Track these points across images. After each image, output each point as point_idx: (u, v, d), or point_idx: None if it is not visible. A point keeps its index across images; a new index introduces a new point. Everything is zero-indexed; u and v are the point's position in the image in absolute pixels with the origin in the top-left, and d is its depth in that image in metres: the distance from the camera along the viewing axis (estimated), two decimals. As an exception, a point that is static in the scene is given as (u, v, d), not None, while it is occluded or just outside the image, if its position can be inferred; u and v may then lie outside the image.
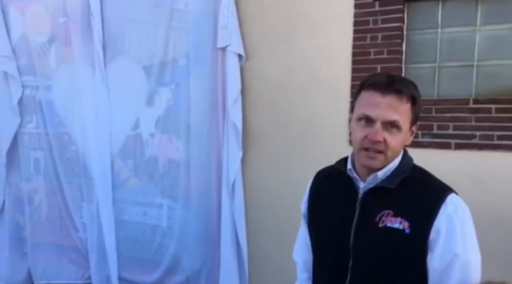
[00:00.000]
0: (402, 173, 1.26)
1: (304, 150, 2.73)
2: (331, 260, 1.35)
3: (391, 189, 1.25)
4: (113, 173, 3.33)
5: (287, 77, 2.82)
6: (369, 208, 1.27)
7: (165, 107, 3.15)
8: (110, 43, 3.27)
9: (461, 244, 1.19)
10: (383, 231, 1.23)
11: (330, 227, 1.35)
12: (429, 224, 1.20)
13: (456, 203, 1.22)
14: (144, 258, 3.22)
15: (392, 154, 1.24)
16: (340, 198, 1.35)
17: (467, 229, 1.21)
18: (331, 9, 2.66)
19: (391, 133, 1.21)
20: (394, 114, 1.20)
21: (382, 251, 1.24)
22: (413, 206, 1.23)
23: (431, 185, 1.26)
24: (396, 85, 1.20)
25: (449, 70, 2.50)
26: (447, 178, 2.17)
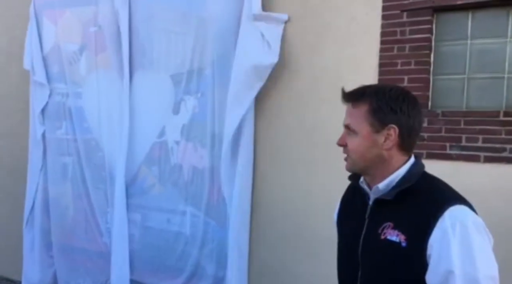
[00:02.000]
0: (403, 184, 1.26)
1: (327, 160, 2.72)
2: (346, 270, 1.41)
3: (395, 201, 1.25)
4: (139, 180, 3.38)
5: (312, 87, 2.82)
6: (375, 220, 1.30)
7: (191, 115, 3.19)
8: (139, 52, 3.35)
9: (460, 262, 1.13)
10: (384, 243, 1.25)
11: (346, 238, 1.43)
12: (425, 238, 1.17)
13: (456, 216, 1.17)
14: (167, 264, 3.25)
15: (357, 157, 1.31)
16: (356, 210, 1.38)
17: (470, 243, 1.15)
18: (358, 20, 2.66)
19: (349, 137, 1.32)
20: (347, 119, 1.33)
21: (382, 263, 1.26)
22: (411, 218, 1.21)
23: (434, 197, 1.23)
24: (350, 94, 1.32)
25: (479, 82, 2.45)
26: (475, 192, 2.13)
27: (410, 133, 1.29)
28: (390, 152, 1.28)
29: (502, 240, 2.19)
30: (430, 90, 2.53)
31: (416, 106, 1.31)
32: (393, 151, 1.28)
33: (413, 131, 1.29)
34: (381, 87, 1.35)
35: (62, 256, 3.70)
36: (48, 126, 3.78)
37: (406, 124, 1.27)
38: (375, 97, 1.28)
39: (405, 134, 1.27)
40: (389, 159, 1.29)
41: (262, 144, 3.00)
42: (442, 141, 2.41)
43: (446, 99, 2.52)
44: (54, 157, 3.76)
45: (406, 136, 1.28)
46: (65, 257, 3.70)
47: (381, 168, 1.30)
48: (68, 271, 3.68)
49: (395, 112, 1.26)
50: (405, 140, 1.28)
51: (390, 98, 1.27)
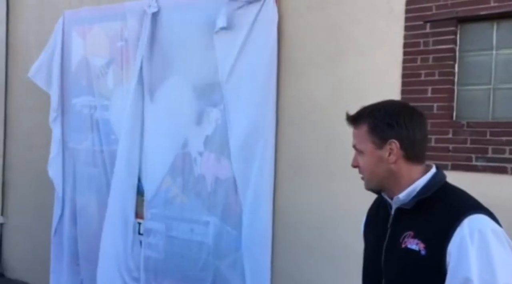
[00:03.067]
0: (423, 194, 1.28)
1: (348, 171, 2.69)
2: (370, 278, 1.45)
3: (415, 210, 1.29)
4: (162, 190, 3.43)
5: (333, 98, 2.83)
6: (397, 229, 1.34)
7: (214, 126, 3.23)
8: (163, 65, 3.42)
9: (478, 270, 1.13)
10: (404, 252, 1.28)
11: (370, 248, 1.47)
12: (444, 246, 1.19)
13: (475, 225, 1.18)
14: (190, 274, 3.27)
15: (368, 175, 1.38)
16: (380, 220, 1.43)
17: (490, 252, 1.15)
18: (380, 31, 2.67)
19: (360, 157, 1.40)
20: (354, 140, 1.41)
21: (403, 272, 1.28)
22: (431, 227, 1.24)
23: (453, 206, 1.25)
24: (352, 118, 1.40)
25: (505, 92, 2.42)
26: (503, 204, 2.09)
27: (413, 144, 1.33)
28: (398, 165, 1.33)
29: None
30: (455, 101, 2.51)
31: (413, 117, 1.35)
32: (401, 164, 1.33)
33: (416, 141, 1.33)
34: (377, 105, 1.41)
35: (89, 265, 3.77)
36: (76, 138, 3.89)
37: (406, 136, 1.32)
38: (372, 116, 1.36)
39: (408, 146, 1.32)
40: (398, 172, 1.34)
41: (284, 154, 3.02)
42: (468, 152, 2.38)
43: (471, 110, 2.49)
44: (81, 168, 3.86)
45: (409, 147, 1.33)
46: (91, 266, 3.76)
47: (395, 181, 1.35)
48: (94, 280, 3.74)
49: (392, 127, 1.32)
50: (409, 151, 1.33)
51: (385, 114, 1.35)
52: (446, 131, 2.43)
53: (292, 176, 2.99)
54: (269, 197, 3.01)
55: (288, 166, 3.01)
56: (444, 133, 2.43)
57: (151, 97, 3.48)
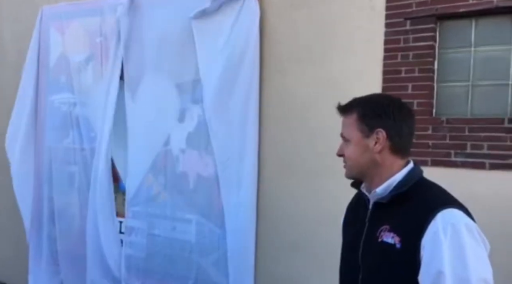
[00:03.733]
0: (399, 189, 1.31)
1: (333, 168, 2.71)
2: (347, 273, 1.47)
3: (391, 205, 1.31)
4: (144, 188, 3.40)
5: (316, 95, 2.84)
6: (374, 223, 1.36)
7: (196, 123, 3.21)
8: (144, 61, 3.38)
9: (450, 263, 1.16)
10: (380, 245, 1.30)
11: (348, 243, 1.49)
12: (418, 240, 1.21)
13: (448, 219, 1.20)
14: (173, 272, 3.25)
15: (352, 163, 1.41)
16: (359, 215, 1.45)
17: (462, 246, 1.17)
18: (362, 28, 2.68)
19: (345, 145, 1.43)
20: (342, 129, 1.45)
21: (379, 265, 1.31)
22: (406, 221, 1.26)
23: (428, 200, 1.27)
24: (342, 107, 1.44)
25: (483, 89, 2.46)
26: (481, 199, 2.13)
27: (400, 136, 1.35)
28: (382, 156, 1.36)
29: (507, 248, 2.19)
30: (434, 97, 2.54)
31: (402, 110, 1.38)
32: (385, 154, 1.35)
33: (402, 134, 1.36)
34: (368, 96, 1.45)
35: (69, 265, 3.71)
36: (54, 136, 3.81)
37: (393, 127, 1.35)
38: (362, 105, 1.41)
39: (395, 137, 1.35)
40: (382, 163, 1.36)
41: (267, 151, 3.02)
42: (447, 148, 2.42)
43: (450, 106, 2.53)
44: (60, 166, 3.79)
45: (396, 138, 1.35)
46: (72, 266, 3.71)
47: (376, 172, 1.37)
48: (75, 280, 3.69)
49: (380, 116, 1.35)
50: (395, 143, 1.35)
51: (375, 104, 1.39)
52: (426, 127, 2.46)
53: (276, 174, 2.99)
54: (252, 194, 3.00)
55: (272, 163, 3.00)
56: (424, 129, 2.46)
57: (132, 94, 3.43)
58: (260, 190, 3.03)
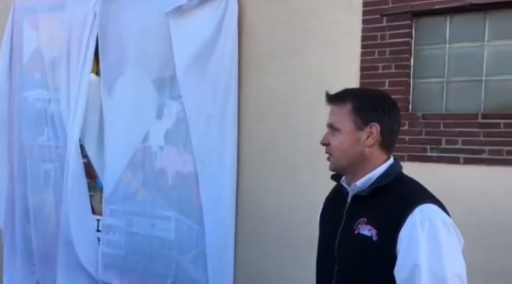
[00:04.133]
0: (379, 183, 1.32)
1: (311, 164, 2.73)
2: (324, 264, 1.47)
3: (370, 198, 1.31)
4: (122, 185, 3.36)
5: (295, 91, 2.84)
6: (351, 216, 1.37)
7: (175, 120, 3.18)
8: (121, 56, 3.32)
9: (426, 257, 1.17)
10: (357, 238, 1.31)
11: (325, 234, 1.49)
12: (395, 233, 1.23)
13: (425, 213, 1.22)
14: (152, 270, 3.22)
15: (340, 154, 1.38)
16: (337, 208, 1.45)
17: (438, 240, 1.19)
18: (339, 24, 2.69)
19: (333, 135, 1.39)
20: (331, 118, 1.41)
21: (355, 257, 1.32)
22: (384, 214, 1.27)
23: (406, 195, 1.29)
24: (334, 96, 1.42)
25: (458, 85, 2.50)
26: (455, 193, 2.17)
27: (391, 132, 1.37)
28: (372, 150, 1.36)
29: (481, 241, 2.25)
30: (411, 93, 2.58)
31: (395, 107, 1.39)
32: (374, 149, 1.36)
33: (393, 131, 1.38)
34: (363, 89, 1.48)
35: (45, 265, 3.64)
36: (29, 133, 3.73)
37: (387, 123, 1.35)
38: (358, 96, 1.39)
39: (386, 133, 1.36)
40: (369, 157, 1.36)
41: (246, 147, 3.01)
42: (423, 143, 2.45)
43: (426, 102, 2.57)
44: (35, 164, 3.71)
45: (387, 135, 1.36)
46: (48, 266, 3.64)
47: (362, 165, 1.36)
48: (52, 279, 3.62)
49: (377, 110, 1.35)
50: (386, 138, 1.36)
51: (372, 97, 1.38)
52: (403, 123, 2.48)
53: (255, 170, 2.98)
54: (231, 190, 2.99)
55: (251, 159, 3.00)
56: (401, 125, 2.48)
57: (109, 90, 3.38)
58: (239, 186, 3.02)
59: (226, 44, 2.94)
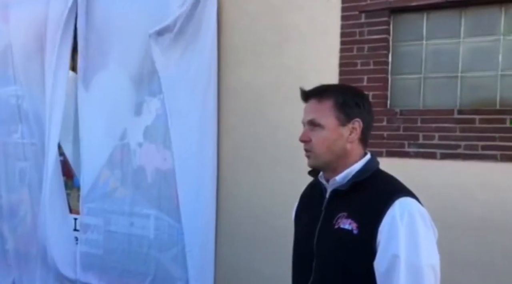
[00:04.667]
0: (358, 177, 1.33)
1: (291, 159, 2.74)
2: (301, 260, 1.45)
3: (349, 192, 1.32)
4: (100, 183, 3.31)
5: (275, 86, 2.84)
6: (330, 211, 1.37)
7: (154, 116, 3.14)
8: (99, 51, 3.27)
9: (405, 247, 1.20)
10: (337, 232, 1.31)
11: (302, 230, 1.47)
12: (375, 226, 1.24)
13: (404, 206, 1.24)
14: (131, 269, 3.19)
15: (322, 150, 1.36)
16: (314, 204, 1.45)
17: (416, 232, 1.22)
18: (318, 20, 2.69)
19: (314, 131, 1.37)
20: (311, 114, 1.37)
21: (335, 251, 1.32)
22: (364, 208, 1.29)
23: (386, 189, 1.31)
24: (313, 92, 1.39)
25: (434, 81, 2.53)
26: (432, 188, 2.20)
27: (369, 127, 1.39)
28: (353, 146, 1.37)
29: (456, 233, 2.29)
30: (389, 89, 2.60)
31: (369, 103, 1.42)
32: (355, 145, 1.37)
33: (371, 126, 1.40)
34: (343, 85, 1.48)
35: (21, 265, 3.57)
36: (2, 130, 3.64)
37: (367, 119, 1.37)
38: (340, 92, 1.38)
39: (366, 129, 1.37)
40: (350, 152, 1.37)
41: (226, 142, 2.99)
42: (401, 139, 2.48)
43: (404, 98, 2.59)
44: (10, 162, 3.62)
45: (366, 130, 1.38)
46: (25, 266, 3.56)
47: (342, 161, 1.37)
48: (28, 280, 3.55)
49: (359, 106, 1.36)
50: (366, 134, 1.38)
51: (354, 93, 1.39)
52: (381, 119, 2.52)
53: (235, 165, 2.97)
54: (211, 186, 2.98)
55: (231, 155, 2.99)
56: (379, 121, 2.51)
57: (86, 86, 3.32)
58: (219, 182, 3.01)
59: (206, 39, 2.91)
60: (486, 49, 2.40)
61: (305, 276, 1.39)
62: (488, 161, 2.28)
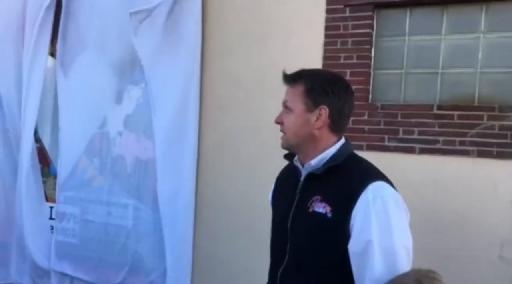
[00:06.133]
0: (333, 161, 1.35)
1: (273, 153, 2.73)
2: (276, 244, 1.50)
3: (324, 176, 1.34)
4: (78, 172, 3.25)
5: (260, 78, 2.83)
6: (305, 194, 1.39)
7: (135, 105, 3.10)
8: (79, 37, 3.19)
9: (378, 231, 1.23)
10: (311, 215, 1.33)
11: (278, 214, 1.50)
12: (349, 210, 1.27)
13: (378, 191, 1.27)
14: (108, 259, 3.15)
15: (290, 134, 1.40)
16: (289, 187, 1.47)
17: (389, 216, 1.25)
18: (303, 13, 2.69)
19: (286, 115, 1.41)
20: (285, 97, 1.43)
21: (308, 234, 1.35)
22: (338, 192, 1.31)
23: (360, 173, 1.34)
24: (289, 76, 1.42)
25: (415, 77, 2.57)
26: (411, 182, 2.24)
27: (341, 115, 1.39)
28: (321, 132, 1.38)
29: (433, 226, 2.34)
30: (371, 84, 2.62)
31: (347, 90, 1.41)
32: (324, 131, 1.38)
33: (343, 114, 1.40)
34: (317, 70, 1.48)
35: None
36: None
37: (337, 106, 1.37)
38: (310, 78, 1.39)
39: (336, 116, 1.38)
40: (319, 138, 1.38)
41: (208, 135, 2.98)
42: (381, 133, 2.51)
43: (385, 93, 2.62)
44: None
45: (337, 117, 1.38)
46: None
47: (312, 146, 1.39)
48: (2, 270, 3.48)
49: (327, 93, 1.36)
50: (336, 121, 1.38)
51: (323, 80, 1.39)
52: (362, 113, 2.54)
53: (216, 156, 2.96)
54: (191, 177, 2.96)
55: (212, 146, 2.97)
56: (361, 115, 2.53)
57: (65, 73, 3.24)
58: (199, 173, 2.99)
59: (190, 30, 2.88)
60: (466, 47, 2.44)
61: (280, 259, 1.42)
62: (464, 156, 2.32)
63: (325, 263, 1.32)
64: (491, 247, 2.24)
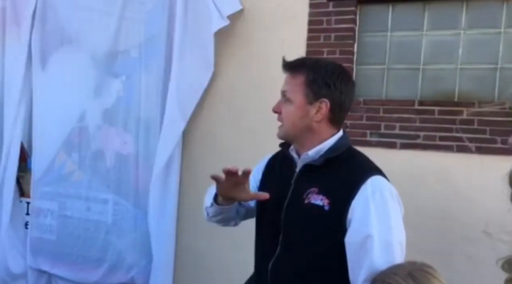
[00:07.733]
0: (331, 153, 1.33)
1: (256, 146, 2.72)
2: (267, 234, 1.46)
3: (321, 168, 1.32)
4: (56, 167, 3.18)
5: (241, 73, 2.80)
6: (301, 186, 1.36)
7: (115, 99, 3.04)
8: (58, 29, 3.12)
9: (377, 226, 1.23)
10: (307, 207, 1.31)
11: (270, 203, 1.44)
12: (347, 203, 1.26)
13: (376, 185, 1.27)
14: (87, 255, 3.09)
15: (288, 124, 1.36)
16: (283, 177, 1.44)
17: (387, 211, 1.26)
18: (287, 7, 2.68)
19: (285, 105, 1.37)
20: (285, 86, 1.38)
21: (304, 227, 1.32)
22: (335, 184, 1.30)
23: (358, 166, 1.33)
24: (290, 64, 1.37)
25: (397, 73, 2.58)
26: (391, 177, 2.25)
27: (341, 108, 1.36)
28: (320, 125, 1.35)
29: (413, 220, 2.35)
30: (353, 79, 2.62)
31: (349, 83, 1.38)
32: (323, 124, 1.35)
33: (344, 107, 1.37)
34: (320, 61, 1.41)
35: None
36: None
37: (338, 99, 1.34)
38: (312, 69, 1.34)
39: (336, 109, 1.35)
40: (318, 131, 1.35)
41: (190, 131, 2.94)
42: (363, 128, 2.52)
43: (367, 88, 2.63)
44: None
45: (337, 111, 1.35)
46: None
47: (310, 138, 1.36)
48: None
49: (329, 86, 1.33)
50: (336, 114, 1.36)
51: (326, 72, 1.34)
52: (344, 108, 2.54)
53: (200, 152, 2.93)
54: (174, 171, 2.92)
55: (195, 140, 2.94)
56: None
57: (43, 65, 3.17)
58: (183, 166, 2.96)
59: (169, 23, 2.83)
60: (447, 43, 2.47)
61: (270, 249, 1.39)
62: (444, 151, 2.35)
63: (319, 255, 1.31)
64: (472, 242, 2.27)
